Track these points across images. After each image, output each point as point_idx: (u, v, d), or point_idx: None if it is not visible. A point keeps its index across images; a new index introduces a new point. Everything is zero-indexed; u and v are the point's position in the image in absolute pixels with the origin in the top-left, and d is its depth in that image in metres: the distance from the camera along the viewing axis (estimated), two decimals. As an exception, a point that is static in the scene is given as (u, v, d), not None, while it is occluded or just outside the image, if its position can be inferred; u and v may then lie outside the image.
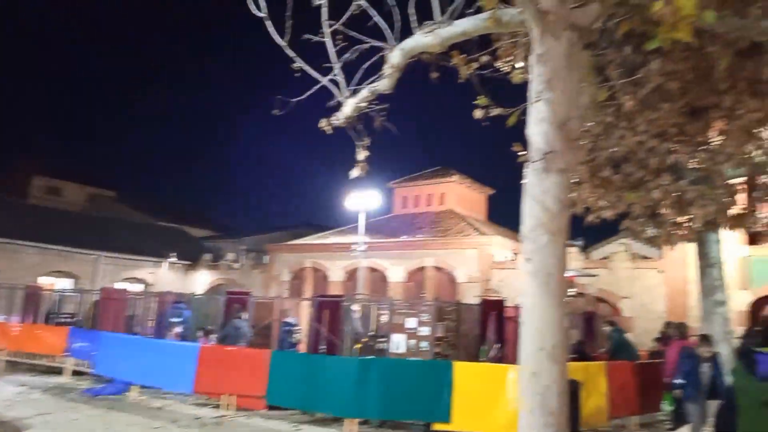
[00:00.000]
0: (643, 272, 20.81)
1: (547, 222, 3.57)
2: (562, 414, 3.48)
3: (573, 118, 3.67)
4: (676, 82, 7.74)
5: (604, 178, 9.94)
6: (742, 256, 18.64)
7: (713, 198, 8.89)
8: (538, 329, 3.53)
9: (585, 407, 9.55)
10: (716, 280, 10.28)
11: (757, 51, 7.18)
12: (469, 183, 30.29)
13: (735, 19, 3.95)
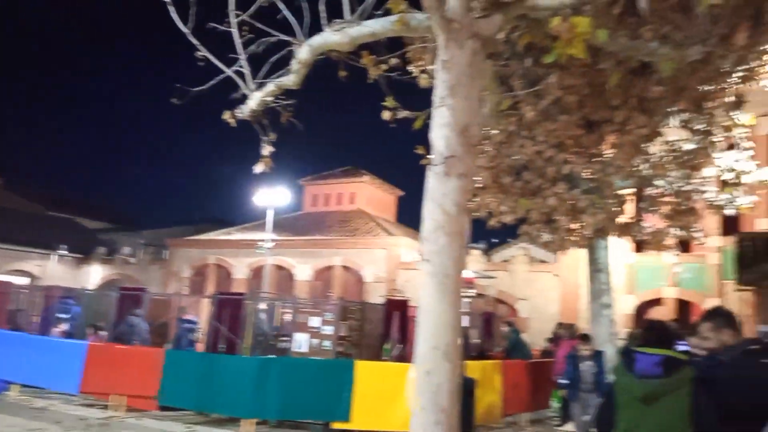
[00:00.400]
0: (540, 275, 21.86)
1: (446, 224, 3.65)
2: (453, 411, 3.58)
3: (474, 125, 3.77)
4: (574, 95, 8.19)
5: (505, 184, 10.34)
6: (629, 263, 20.00)
7: (603, 207, 9.45)
8: (433, 328, 3.61)
9: (480, 405, 9.88)
10: (604, 284, 10.93)
11: (646, 71, 7.72)
12: (379, 184, 30.58)
13: (626, 39, 4.22)
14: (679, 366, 3.26)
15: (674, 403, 3.20)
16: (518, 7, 3.64)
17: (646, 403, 3.25)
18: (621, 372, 3.43)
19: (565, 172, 9.50)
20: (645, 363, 3.31)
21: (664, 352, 3.32)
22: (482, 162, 10.55)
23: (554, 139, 9.00)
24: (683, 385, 3.21)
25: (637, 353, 3.39)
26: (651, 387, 3.24)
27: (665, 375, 3.23)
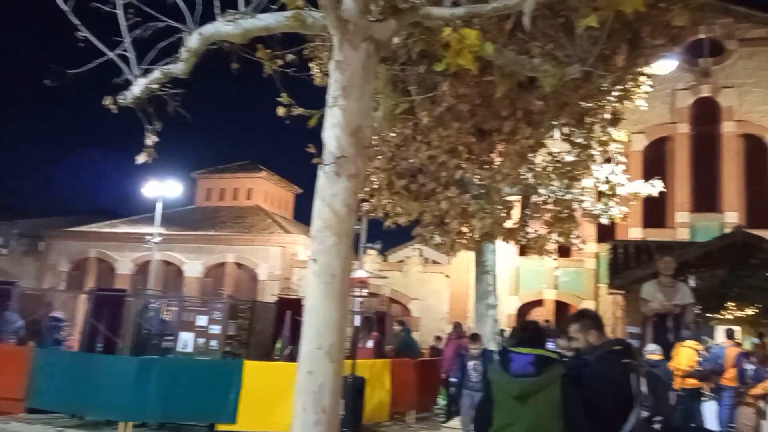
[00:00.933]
0: (433, 276, 22.46)
1: (334, 224, 3.66)
2: (334, 412, 3.59)
3: (366, 127, 3.81)
4: (466, 104, 8.50)
5: (401, 187, 10.55)
6: (514, 266, 21.01)
7: (491, 212, 9.87)
8: (318, 328, 3.60)
9: (369, 403, 9.98)
10: (489, 285, 11.43)
11: (532, 85, 8.16)
12: (277, 180, 30.12)
13: (512, 54, 4.42)
14: (550, 364, 3.43)
15: (546, 400, 3.37)
16: (412, 15, 3.71)
17: (520, 401, 3.40)
18: (497, 371, 3.56)
19: (457, 177, 9.84)
20: (519, 362, 3.46)
21: (537, 351, 3.48)
22: (379, 164, 10.70)
23: (448, 145, 9.29)
24: (554, 383, 3.38)
25: (512, 353, 3.54)
26: (525, 385, 3.39)
27: (537, 373, 3.39)
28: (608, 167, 11.18)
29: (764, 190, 19.45)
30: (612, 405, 3.60)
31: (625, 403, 3.73)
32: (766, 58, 20.08)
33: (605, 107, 10.15)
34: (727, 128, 20.03)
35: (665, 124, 20.64)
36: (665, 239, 18.78)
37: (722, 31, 20.43)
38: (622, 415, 3.71)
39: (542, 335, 3.69)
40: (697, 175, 20.27)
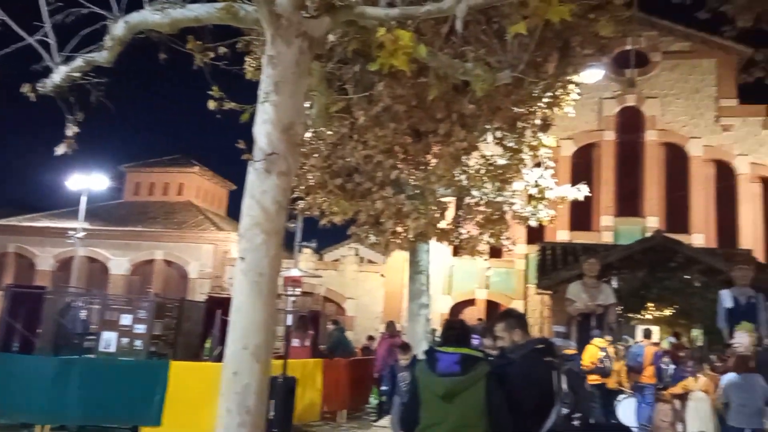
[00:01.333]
0: (368, 275, 22.52)
1: (263, 222, 3.60)
2: (259, 413, 3.53)
3: (298, 124, 3.77)
4: (403, 105, 8.56)
5: (336, 186, 10.51)
6: (448, 266, 21.34)
7: (426, 213, 9.98)
8: (244, 328, 3.53)
9: (300, 403, 9.90)
10: (423, 285, 11.56)
11: (466, 88, 8.29)
12: (210, 176, 29.40)
13: (445, 57, 4.48)
14: (475, 363, 3.51)
15: (472, 398, 3.44)
16: (347, 13, 3.70)
17: (446, 400, 3.46)
18: (424, 371, 3.59)
19: (393, 178, 9.90)
20: (445, 362, 3.51)
21: (463, 350, 3.56)
22: (315, 162, 10.62)
23: (384, 145, 9.33)
24: (479, 381, 3.45)
25: (439, 353, 3.60)
26: (451, 384, 3.45)
27: (463, 373, 3.45)
28: (538, 171, 11.52)
29: (683, 197, 20.56)
30: (534, 402, 3.71)
31: (547, 401, 3.85)
32: (688, 70, 21.24)
33: (536, 113, 10.46)
34: (650, 137, 21.05)
35: (592, 131, 21.48)
36: (591, 242, 19.54)
37: (647, 44, 21.46)
38: (544, 412, 3.83)
39: (468, 333, 3.77)
40: (621, 180, 21.20)
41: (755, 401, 7.79)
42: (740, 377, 7.95)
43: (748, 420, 7.74)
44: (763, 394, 7.88)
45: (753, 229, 19.94)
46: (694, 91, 21.03)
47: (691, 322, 15.06)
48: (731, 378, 8.07)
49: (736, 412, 7.86)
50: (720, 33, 11.50)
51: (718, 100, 20.80)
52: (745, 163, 20.30)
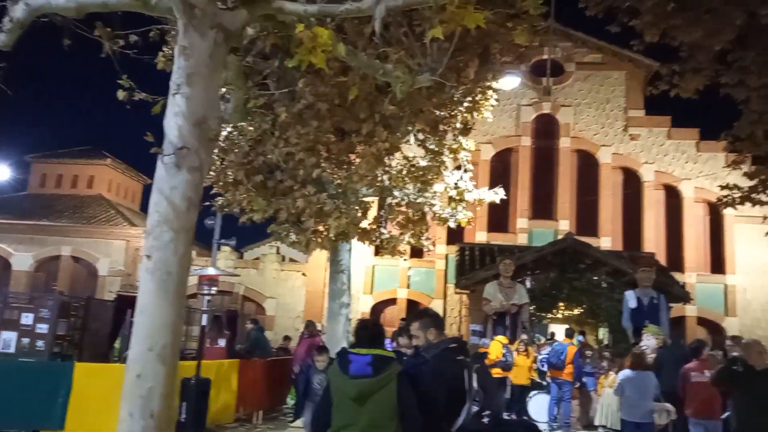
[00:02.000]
0: (290, 274, 22.27)
1: (172, 219, 3.47)
2: (165, 417, 3.40)
3: (212, 118, 3.66)
4: (326, 103, 8.51)
5: (257, 183, 10.32)
6: (369, 265, 21.44)
7: (347, 212, 9.97)
8: (149, 329, 3.39)
9: (214, 404, 9.65)
10: (344, 284, 11.55)
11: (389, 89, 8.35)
12: (123, 169, 28.10)
13: (365, 57, 4.49)
14: (387, 364, 3.51)
15: (383, 399, 3.45)
16: (264, 7, 3.63)
17: (358, 402, 3.46)
18: (337, 373, 3.58)
19: (315, 176, 9.81)
20: (358, 364, 3.50)
21: (375, 351, 3.55)
22: (235, 158, 10.38)
23: (306, 143, 9.24)
24: (391, 381, 3.47)
25: (351, 354, 3.58)
26: (362, 386, 3.44)
27: (375, 374, 3.45)
28: (458, 174, 11.76)
29: (593, 202, 21.61)
30: (446, 400, 3.77)
31: (459, 399, 3.93)
32: (599, 81, 22.35)
33: (457, 117, 10.68)
34: (564, 143, 22.00)
35: (510, 137, 22.20)
36: (507, 243, 20.21)
37: (563, 54, 22.41)
38: (456, 410, 3.91)
39: (381, 334, 3.77)
40: (536, 185, 22.03)
41: (646, 397, 8.30)
42: (635, 373, 8.43)
43: (639, 414, 8.23)
44: (654, 391, 8.40)
45: (656, 233, 21.25)
46: (605, 101, 22.16)
47: (598, 321, 15.86)
48: (627, 374, 8.54)
49: (629, 406, 8.34)
50: (629, 47, 12.20)
51: (626, 110, 22.02)
52: (650, 171, 21.59)
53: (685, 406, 7.99)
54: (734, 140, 11.76)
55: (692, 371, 7.96)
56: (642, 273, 13.12)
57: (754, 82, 10.84)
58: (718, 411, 7.83)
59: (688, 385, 7.94)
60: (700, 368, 7.92)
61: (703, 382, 7.79)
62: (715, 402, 7.78)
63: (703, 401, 7.78)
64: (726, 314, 20.48)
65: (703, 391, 7.77)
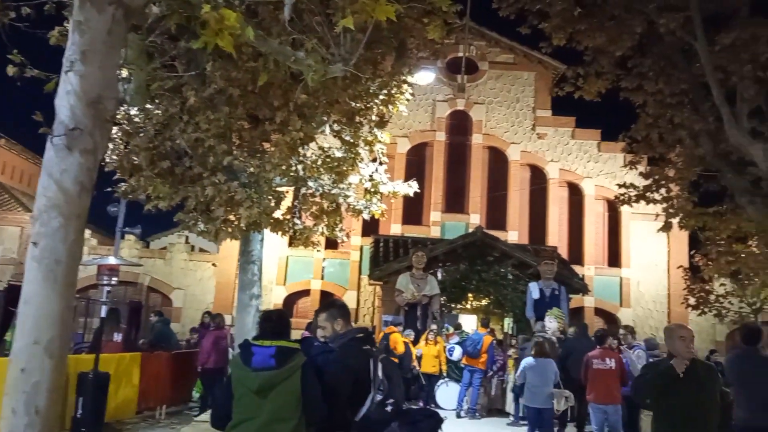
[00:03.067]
0: (199, 264, 21.62)
1: (62, 204, 3.26)
2: (51, 414, 3.20)
3: (109, 99, 3.46)
4: (238, 89, 8.27)
5: (164, 168, 9.89)
6: (282, 256, 21.20)
7: (259, 201, 9.74)
8: (36, 321, 3.18)
9: (113, 400, 9.23)
10: (255, 275, 11.30)
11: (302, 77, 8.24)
12: (19, 150, 26.23)
13: (276, 43, 4.40)
14: (291, 355, 3.48)
15: (286, 391, 3.42)
16: (168, -16, 3.47)
17: (260, 395, 3.40)
18: (238, 366, 3.50)
19: (226, 164, 9.52)
20: (261, 356, 3.45)
21: (278, 343, 3.50)
22: (140, 142, 9.90)
23: (217, 129, 8.93)
24: (295, 373, 3.44)
25: (254, 346, 3.51)
26: (265, 379, 3.39)
27: (278, 366, 3.41)
28: (373, 166, 11.80)
29: (503, 197, 22.39)
30: (351, 390, 3.78)
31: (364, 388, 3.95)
32: (510, 80, 23.13)
33: (372, 109, 10.70)
34: (476, 140, 22.63)
35: (426, 131, 22.59)
36: (421, 235, 20.58)
37: (477, 53, 23.02)
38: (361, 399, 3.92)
39: (286, 324, 3.71)
40: (450, 179, 22.55)
41: (546, 384, 8.72)
42: (536, 361, 8.84)
43: (540, 400, 8.64)
44: (554, 378, 8.84)
45: (559, 228, 22.33)
46: (515, 101, 22.98)
47: (504, 311, 16.45)
48: (529, 361, 8.94)
49: (531, 392, 8.74)
50: (539, 49, 12.70)
51: (535, 110, 22.94)
52: (555, 168, 22.62)
53: (587, 391, 8.39)
54: (631, 142, 12.51)
55: (594, 358, 8.35)
56: (544, 266, 13.79)
57: (651, 87, 11.59)
58: (618, 396, 8.23)
59: (591, 371, 8.31)
60: (602, 356, 8.34)
61: (604, 369, 8.22)
62: (615, 388, 8.21)
63: (604, 387, 8.18)
64: (621, 305, 21.87)
65: (604, 378, 8.19)
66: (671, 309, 21.50)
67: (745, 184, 11.05)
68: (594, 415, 8.38)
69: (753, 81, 10.23)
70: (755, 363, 6.27)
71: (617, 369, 8.30)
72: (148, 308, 15.61)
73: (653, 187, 12.60)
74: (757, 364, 6.25)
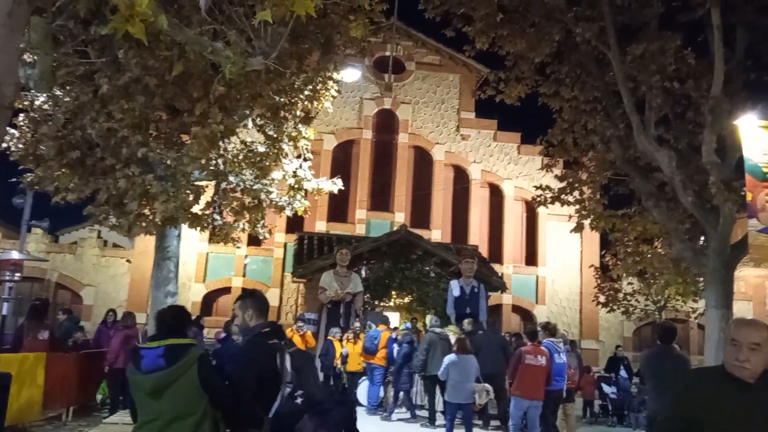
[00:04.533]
0: (112, 260, 20.71)
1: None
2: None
3: (7, 84, 3.23)
4: (155, 78, 7.95)
5: (73, 159, 9.40)
6: (202, 252, 20.64)
7: (176, 195, 9.42)
8: None
9: (15, 402, 8.67)
10: (171, 272, 10.93)
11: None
12: None
13: (192, 32, 4.26)
14: (182, 352, 3.38)
15: (184, 388, 3.34)
16: (75, -35, 3.28)
17: (155, 397, 3.33)
18: (131, 371, 3.43)
19: (141, 155, 9.15)
20: (149, 358, 3.36)
21: (166, 342, 3.40)
22: (48, 130, 9.35)
23: (131, 119, 8.57)
24: (190, 368, 3.35)
25: (142, 349, 3.43)
26: (157, 380, 3.31)
27: (168, 365, 3.32)
28: (297, 162, 11.67)
29: (427, 196, 22.73)
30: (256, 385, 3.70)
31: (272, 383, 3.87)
32: (436, 82, 23.51)
33: (297, 104, 10.57)
34: (402, 139, 22.86)
35: (353, 129, 22.60)
36: (346, 233, 20.57)
37: (405, 53, 23.26)
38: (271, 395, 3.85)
39: (180, 323, 3.60)
40: (375, 177, 22.67)
41: (468, 379, 8.92)
42: (459, 357, 9.02)
43: (462, 396, 8.83)
44: (475, 373, 9.05)
45: (480, 227, 22.92)
46: (441, 102, 23.39)
47: (426, 308, 16.72)
48: (452, 358, 9.09)
49: (453, 388, 8.90)
50: (463, 51, 12.97)
51: (459, 111, 23.43)
52: (477, 169, 23.19)
53: (514, 386, 8.48)
54: (548, 146, 13.01)
55: (527, 354, 8.44)
56: (465, 264, 14.10)
57: (567, 93, 12.10)
58: (543, 393, 8.39)
59: (522, 365, 8.37)
60: (535, 352, 8.47)
61: (535, 365, 8.37)
62: (542, 384, 8.38)
63: (534, 383, 8.33)
64: (537, 302, 22.72)
65: (534, 373, 8.34)
66: (583, 306, 22.55)
67: (651, 188, 11.74)
68: (516, 409, 8.53)
69: (660, 91, 10.89)
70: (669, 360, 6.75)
71: (547, 366, 8.46)
72: (55, 306, 14.77)
73: (567, 189, 13.14)
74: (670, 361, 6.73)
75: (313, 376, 3.97)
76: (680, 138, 11.55)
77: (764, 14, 10.07)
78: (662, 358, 6.81)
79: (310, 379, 3.83)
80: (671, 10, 11.31)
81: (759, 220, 8.45)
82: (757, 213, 8.47)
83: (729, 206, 9.89)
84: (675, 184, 10.77)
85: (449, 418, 8.96)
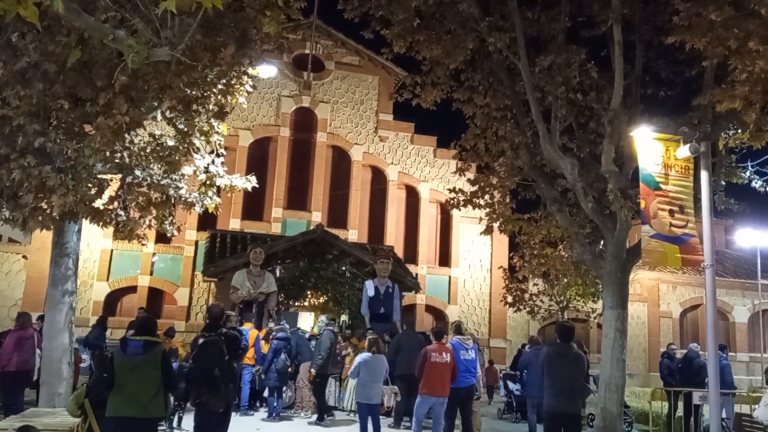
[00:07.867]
0: (7, 256, 19.40)
1: None
2: None
3: None
4: (55, 65, 7.49)
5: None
6: (106, 249, 19.67)
7: (76, 189, 8.91)
8: None
9: None
10: (69, 269, 10.32)
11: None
12: None
13: (92, 19, 4.05)
14: (154, 346, 5.67)
15: (150, 369, 5.58)
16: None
17: (133, 372, 5.51)
18: (118, 353, 5.61)
19: (38, 146, 8.60)
20: (133, 346, 5.61)
21: (144, 337, 5.68)
22: None
23: (28, 106, 8.03)
24: (156, 357, 5.62)
25: (129, 340, 5.71)
26: (136, 361, 5.54)
27: (144, 353, 5.57)
28: (210, 158, 11.34)
29: (344, 196, 22.74)
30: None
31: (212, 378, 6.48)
32: (355, 82, 23.57)
33: (210, 98, 10.27)
34: (320, 138, 22.75)
35: (270, 126, 22.26)
36: (261, 231, 20.23)
37: (324, 52, 23.17)
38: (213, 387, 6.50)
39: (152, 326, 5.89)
40: (293, 175, 22.43)
41: (378, 379, 8.99)
42: (371, 357, 9.07)
43: (371, 395, 8.87)
44: (384, 374, 9.14)
45: (396, 228, 23.19)
46: (360, 103, 23.47)
47: (341, 308, 16.71)
48: (364, 357, 9.13)
49: (362, 386, 8.93)
50: (381, 54, 13.08)
51: (378, 113, 23.61)
52: (394, 171, 23.46)
53: (421, 384, 8.65)
54: (462, 150, 13.36)
55: (433, 352, 8.64)
56: (380, 264, 14.26)
57: (480, 100, 12.46)
58: (448, 390, 8.61)
59: (428, 364, 8.56)
60: (440, 350, 8.69)
61: (441, 362, 8.56)
62: (448, 381, 8.60)
63: (440, 380, 8.53)
64: (449, 302, 23.27)
65: (440, 370, 8.54)
66: (492, 306, 23.32)
67: (555, 194, 12.32)
68: (421, 407, 8.69)
69: (565, 101, 11.45)
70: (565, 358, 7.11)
71: (451, 363, 8.69)
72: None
73: (479, 193, 13.55)
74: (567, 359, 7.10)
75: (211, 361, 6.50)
76: (583, 147, 12.19)
77: (660, 33, 10.80)
78: (560, 356, 7.17)
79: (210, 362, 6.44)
80: (577, 25, 11.93)
81: (651, 226, 9.02)
82: (650, 220, 9.05)
83: (625, 213, 10.54)
84: (577, 191, 11.35)
85: (361, 417, 9.01)
